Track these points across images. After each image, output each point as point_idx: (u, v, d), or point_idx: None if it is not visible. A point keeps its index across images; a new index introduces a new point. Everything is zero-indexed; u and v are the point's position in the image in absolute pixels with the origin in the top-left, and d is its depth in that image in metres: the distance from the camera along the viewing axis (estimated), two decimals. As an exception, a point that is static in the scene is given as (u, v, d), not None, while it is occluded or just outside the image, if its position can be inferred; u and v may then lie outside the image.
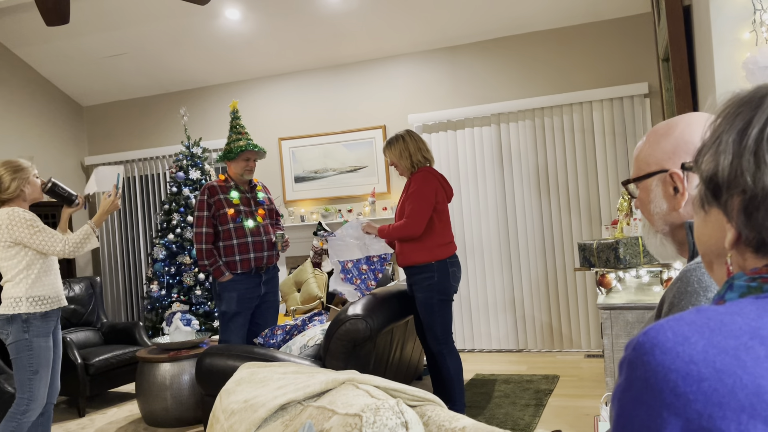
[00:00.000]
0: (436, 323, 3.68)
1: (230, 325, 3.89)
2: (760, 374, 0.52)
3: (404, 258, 3.73)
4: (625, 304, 2.77)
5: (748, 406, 0.51)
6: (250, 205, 3.99)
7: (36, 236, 3.01)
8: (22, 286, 3.01)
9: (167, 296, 5.66)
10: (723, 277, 0.75)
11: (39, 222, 3.05)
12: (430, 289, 3.66)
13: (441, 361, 3.70)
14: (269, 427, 1.61)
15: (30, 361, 3.00)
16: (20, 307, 2.99)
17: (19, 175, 3.07)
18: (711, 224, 0.71)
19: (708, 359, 0.54)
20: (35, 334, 3.02)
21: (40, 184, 3.18)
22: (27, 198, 3.13)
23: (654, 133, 1.16)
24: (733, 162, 0.65)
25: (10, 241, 3.00)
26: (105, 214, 3.26)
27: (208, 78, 6.51)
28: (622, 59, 5.31)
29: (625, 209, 3.52)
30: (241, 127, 4.04)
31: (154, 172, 6.79)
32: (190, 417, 4.06)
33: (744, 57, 2.53)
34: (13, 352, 3.01)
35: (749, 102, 0.67)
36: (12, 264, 3.03)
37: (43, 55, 6.28)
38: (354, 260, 3.80)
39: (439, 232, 3.71)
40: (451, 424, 1.52)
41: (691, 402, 0.53)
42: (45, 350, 3.05)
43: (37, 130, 6.50)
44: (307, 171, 6.26)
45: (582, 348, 5.41)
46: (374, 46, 5.87)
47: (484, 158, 5.64)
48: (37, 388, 3.03)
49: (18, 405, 3.02)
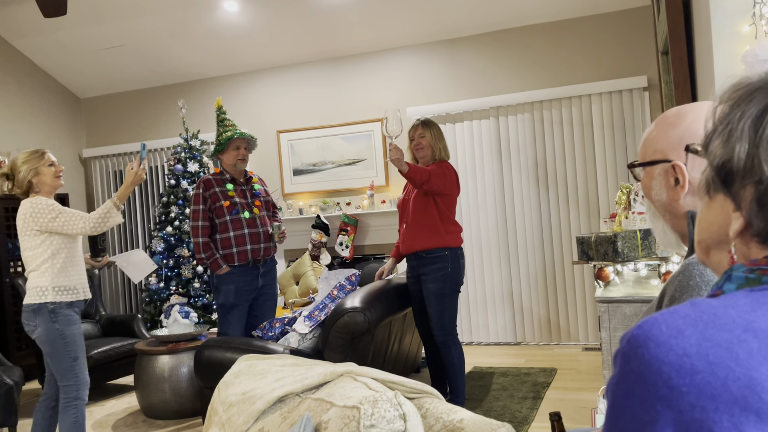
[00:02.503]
0: (444, 313, 3.70)
1: (228, 317, 3.90)
2: (752, 367, 0.53)
3: (417, 243, 3.70)
4: (622, 298, 2.78)
5: (740, 398, 0.52)
6: (246, 198, 3.99)
7: (58, 219, 2.98)
8: (48, 275, 2.99)
9: (166, 289, 5.66)
10: (719, 264, 0.75)
11: (58, 205, 3.03)
12: (443, 279, 3.67)
13: (445, 351, 3.72)
14: (267, 419, 1.61)
15: (67, 349, 3.00)
16: (46, 296, 2.97)
17: (26, 166, 3.04)
18: (715, 211, 0.71)
19: (701, 352, 0.54)
20: (65, 324, 3.00)
21: (56, 172, 3.12)
22: (39, 189, 3.07)
23: (664, 119, 1.15)
24: (750, 151, 0.63)
25: (35, 230, 2.98)
26: (130, 187, 3.17)
27: (206, 70, 6.49)
28: (621, 52, 5.30)
29: (623, 203, 3.51)
30: (227, 120, 4.03)
31: (153, 164, 6.78)
32: (189, 409, 4.07)
33: (743, 50, 2.52)
34: (46, 345, 2.99)
35: (762, 88, 0.65)
36: (37, 253, 3.00)
37: (40, 46, 6.26)
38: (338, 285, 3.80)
39: (451, 220, 3.75)
40: (449, 416, 1.52)
41: (684, 394, 0.53)
42: (78, 336, 3.05)
43: (34, 121, 6.48)
44: (306, 164, 6.25)
45: (580, 341, 5.42)
46: (373, 38, 5.85)
47: (483, 151, 5.63)
48: (81, 372, 3.05)
49: (68, 393, 3.03)
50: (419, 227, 3.72)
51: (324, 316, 3.62)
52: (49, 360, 3.02)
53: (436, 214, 3.70)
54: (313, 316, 3.66)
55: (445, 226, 3.72)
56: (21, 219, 3.00)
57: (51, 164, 3.11)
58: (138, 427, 4.02)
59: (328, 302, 3.70)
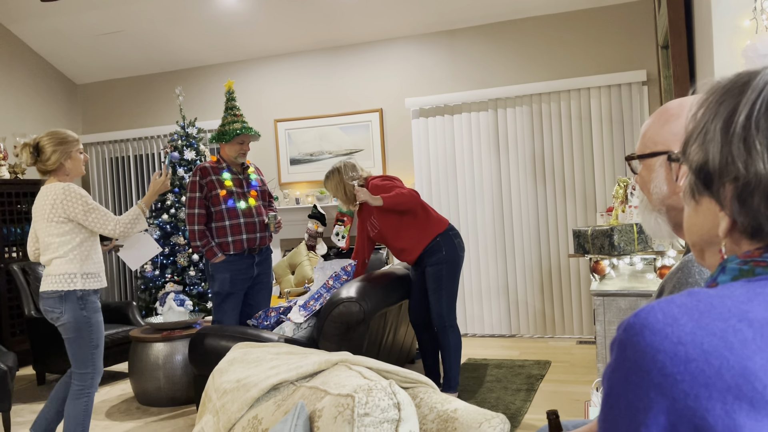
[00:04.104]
0: (442, 297, 3.75)
1: (223, 305, 3.90)
2: (746, 356, 0.53)
3: (415, 251, 3.81)
4: (618, 291, 2.78)
5: (734, 387, 0.52)
6: (242, 187, 3.98)
7: (89, 214, 2.98)
8: (76, 262, 2.98)
9: (161, 276, 5.65)
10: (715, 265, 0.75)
11: (91, 199, 3.02)
12: (439, 262, 3.76)
13: (443, 336, 3.76)
14: (261, 406, 1.61)
15: (91, 336, 3.01)
16: (75, 284, 2.96)
17: (62, 148, 3.01)
18: (702, 214, 0.72)
19: (696, 340, 0.55)
20: (92, 311, 3.02)
21: (83, 160, 3.12)
22: (69, 173, 3.06)
23: (665, 111, 1.14)
24: (723, 150, 0.65)
25: (63, 217, 2.96)
26: (155, 194, 3.24)
27: (204, 57, 6.46)
28: (621, 46, 5.28)
29: (620, 196, 3.51)
30: (236, 109, 4.02)
31: (149, 151, 6.75)
32: (183, 397, 4.07)
33: (744, 45, 2.51)
34: (71, 330, 2.99)
35: (731, 90, 0.67)
36: (65, 240, 2.98)
37: (37, 31, 6.21)
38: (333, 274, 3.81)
39: (424, 209, 3.83)
40: (443, 406, 1.52)
41: (678, 382, 0.54)
42: (102, 324, 3.08)
43: (30, 107, 6.44)
44: (303, 153, 6.23)
45: (574, 334, 5.43)
46: (372, 28, 5.83)
47: (481, 143, 5.62)
48: (99, 360, 3.08)
49: (83, 380, 3.04)
50: (408, 238, 3.81)
51: (319, 305, 3.62)
52: (70, 347, 3.02)
53: (411, 217, 3.80)
54: (308, 305, 3.66)
55: (424, 219, 3.81)
56: (50, 203, 2.96)
57: (81, 152, 3.13)
58: (132, 414, 4.02)
59: (324, 292, 3.70)
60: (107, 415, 4.03)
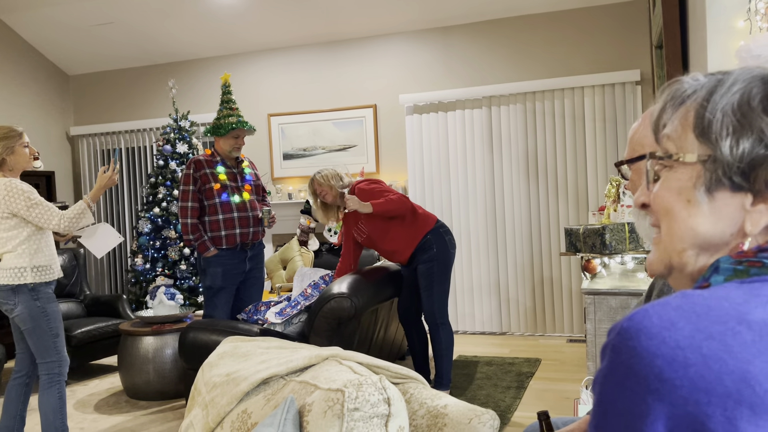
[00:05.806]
0: (434, 294, 3.74)
1: (215, 300, 3.88)
2: (746, 360, 0.52)
3: (405, 252, 3.80)
4: (609, 290, 2.79)
5: (734, 392, 0.51)
6: (236, 181, 3.96)
7: (32, 210, 2.96)
8: (26, 256, 2.98)
9: (152, 270, 5.63)
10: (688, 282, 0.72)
11: (36, 194, 3.00)
12: (430, 260, 3.76)
13: (435, 334, 3.76)
14: (251, 400, 1.60)
15: (49, 326, 3.02)
16: (26, 278, 2.96)
17: (3, 143, 2.99)
18: (718, 211, 0.67)
19: (694, 345, 0.53)
20: (46, 301, 3.02)
21: (29, 154, 3.10)
22: (12, 167, 3.04)
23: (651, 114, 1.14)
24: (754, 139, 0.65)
25: (7, 213, 2.95)
26: (101, 189, 3.20)
27: (197, 50, 6.42)
28: (615, 45, 5.29)
29: (612, 195, 3.52)
30: (232, 102, 4.00)
31: (141, 144, 6.72)
32: (172, 390, 4.06)
33: (738, 45, 2.52)
34: (26, 321, 2.99)
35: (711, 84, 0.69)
36: (12, 235, 2.97)
37: (28, 21, 6.16)
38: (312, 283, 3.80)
39: (411, 210, 3.81)
40: (433, 401, 1.52)
41: (677, 388, 0.52)
42: (58, 313, 3.08)
43: (21, 98, 6.39)
44: (296, 148, 6.21)
45: (564, 332, 5.45)
46: (367, 24, 5.81)
47: (474, 141, 5.62)
48: (62, 348, 3.08)
49: (50, 370, 3.04)
50: (398, 240, 3.79)
51: (296, 312, 3.64)
52: (30, 338, 3.02)
53: (399, 219, 3.79)
54: (284, 312, 3.66)
55: (412, 219, 3.80)
56: None
57: (26, 146, 3.09)
58: (121, 408, 4.00)
59: (301, 300, 3.71)
60: (96, 409, 4.01)
